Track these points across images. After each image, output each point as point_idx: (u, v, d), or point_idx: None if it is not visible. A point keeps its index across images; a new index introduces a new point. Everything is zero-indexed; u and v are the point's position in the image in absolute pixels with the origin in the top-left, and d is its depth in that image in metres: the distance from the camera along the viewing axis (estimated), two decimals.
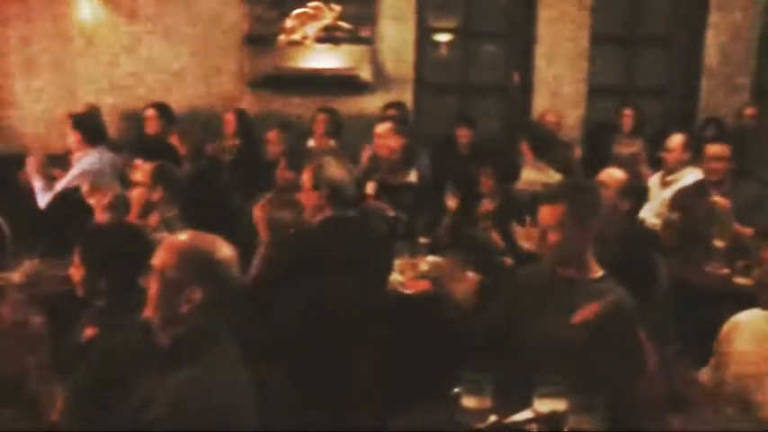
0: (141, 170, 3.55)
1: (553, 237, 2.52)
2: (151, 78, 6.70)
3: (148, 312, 1.93)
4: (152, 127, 5.99)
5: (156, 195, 3.44)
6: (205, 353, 1.88)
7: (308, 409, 2.67)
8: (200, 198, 4.14)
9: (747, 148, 5.43)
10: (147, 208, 3.45)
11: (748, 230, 4.01)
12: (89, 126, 4.90)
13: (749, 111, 6.68)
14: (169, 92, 6.65)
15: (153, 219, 3.40)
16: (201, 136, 5.46)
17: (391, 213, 4.30)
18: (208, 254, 1.92)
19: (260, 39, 6.60)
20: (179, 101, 6.61)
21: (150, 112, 6.03)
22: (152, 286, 1.93)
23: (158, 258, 1.94)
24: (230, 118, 6.02)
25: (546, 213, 2.56)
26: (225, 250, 1.96)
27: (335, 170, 3.20)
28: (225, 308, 1.94)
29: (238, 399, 1.89)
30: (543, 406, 2.13)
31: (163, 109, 6.07)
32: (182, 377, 1.82)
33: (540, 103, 7.06)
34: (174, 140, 4.84)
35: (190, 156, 4.80)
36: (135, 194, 3.50)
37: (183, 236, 2.01)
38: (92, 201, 3.65)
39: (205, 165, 5.02)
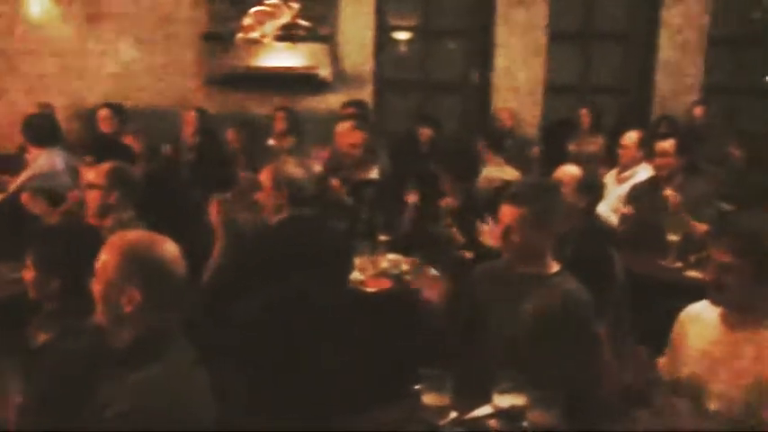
0: (96, 172, 3.48)
1: (514, 237, 2.55)
2: (107, 76, 6.60)
3: (98, 314, 1.91)
4: (106, 127, 5.91)
5: (113, 197, 3.39)
6: (160, 353, 1.86)
7: (268, 408, 2.66)
8: (156, 198, 4.08)
9: (697, 145, 5.54)
10: (103, 209, 3.40)
11: (703, 227, 4.09)
12: (39, 127, 4.81)
13: (698, 110, 6.83)
14: (125, 90, 6.56)
15: (109, 220, 3.35)
16: (158, 135, 5.40)
17: (348, 200, 4.32)
18: (145, 252, 1.89)
19: (218, 36, 6.55)
20: (135, 99, 6.53)
21: (104, 112, 5.95)
22: (96, 288, 1.91)
23: (100, 260, 1.91)
24: (190, 117, 5.97)
25: (507, 213, 2.57)
26: (168, 249, 1.93)
27: (295, 169, 3.19)
28: (170, 308, 1.92)
29: (195, 399, 1.88)
30: (502, 401, 2.15)
31: (116, 108, 5.99)
32: (138, 378, 1.80)
33: (500, 101, 7.13)
34: (128, 140, 4.77)
35: (145, 155, 4.74)
36: (90, 196, 3.44)
37: (124, 236, 1.98)
38: (33, 208, 3.60)
39: (161, 164, 4.96)
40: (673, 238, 4.10)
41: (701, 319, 2.36)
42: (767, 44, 7.86)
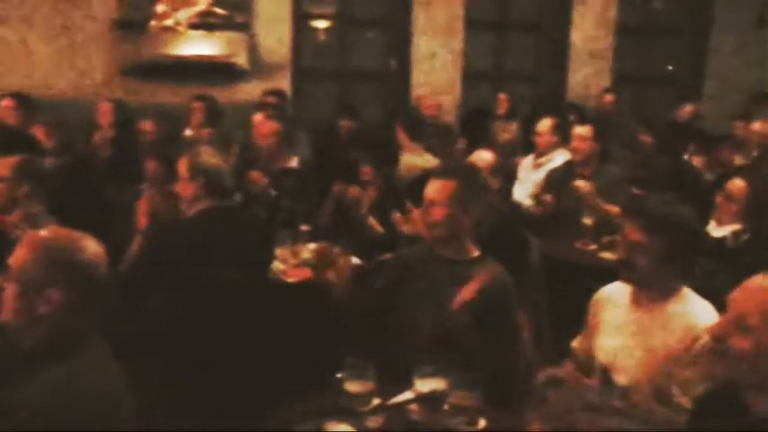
0: (2, 164, 3.33)
1: (438, 213, 2.58)
2: (13, 66, 6.30)
3: (5, 314, 1.82)
4: (10, 118, 5.63)
5: (22, 191, 3.25)
6: (72, 351, 1.81)
7: (187, 402, 2.62)
8: (69, 193, 3.95)
9: (608, 131, 5.74)
10: (10, 204, 3.25)
11: (615, 209, 4.25)
12: None
13: (608, 97, 7.07)
14: (33, 80, 6.28)
15: (15, 215, 3.21)
16: (69, 127, 5.20)
17: (273, 193, 4.29)
18: (69, 252, 1.84)
19: (130, 24, 6.34)
20: (44, 90, 6.26)
21: (6, 103, 5.66)
22: (8, 287, 1.83)
23: (15, 257, 1.83)
24: (105, 108, 5.76)
25: (435, 188, 2.60)
26: (90, 248, 1.87)
27: (212, 159, 3.14)
28: (89, 308, 1.87)
29: (111, 397, 1.83)
30: (424, 386, 2.18)
31: (21, 99, 5.72)
32: (49, 377, 1.75)
33: (418, 89, 7.18)
34: (38, 132, 4.58)
35: (57, 149, 4.56)
36: None
37: (44, 233, 1.91)
38: None
39: (74, 158, 4.78)
40: (587, 221, 4.25)
41: (613, 299, 2.45)
42: (670, 34, 8.21)
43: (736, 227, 3.59)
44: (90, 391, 1.77)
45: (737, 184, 3.65)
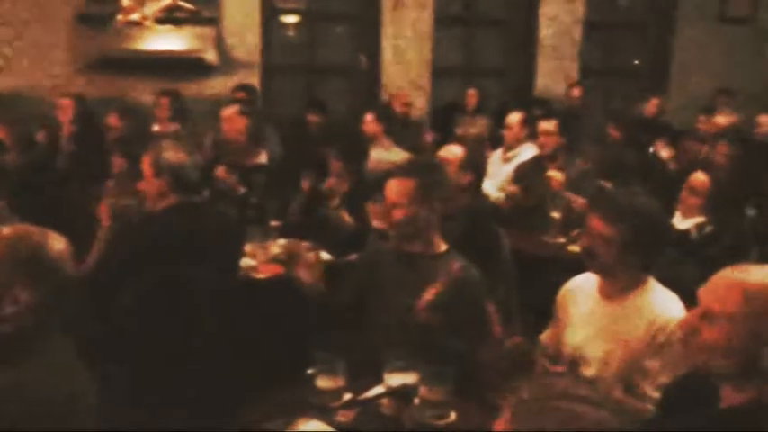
0: None
1: (399, 213, 2.57)
2: None
3: None
4: None
5: None
6: (31, 350, 1.77)
7: (157, 401, 2.60)
8: (32, 190, 3.89)
9: (575, 125, 5.79)
10: None
11: (581, 200, 4.29)
12: None
13: (576, 91, 7.13)
14: None
15: None
16: (31, 123, 5.11)
17: (242, 190, 4.26)
18: (35, 250, 1.79)
19: (95, 18, 6.23)
20: (5, 85, 6.15)
21: None
22: None
23: None
24: (66, 104, 5.67)
25: (394, 188, 2.59)
26: (56, 245, 1.83)
27: (176, 155, 3.09)
28: (55, 307, 1.83)
29: (69, 396, 1.80)
30: (394, 380, 2.18)
31: None
32: (5, 376, 1.71)
33: (387, 84, 7.17)
34: None
35: (19, 145, 4.49)
36: None
37: (7, 230, 1.86)
38: None
39: (36, 155, 4.70)
40: (555, 214, 4.28)
41: (580, 291, 2.47)
42: (635, 29, 8.30)
43: (700, 219, 3.65)
44: (48, 392, 1.74)
45: (700, 177, 3.71)
